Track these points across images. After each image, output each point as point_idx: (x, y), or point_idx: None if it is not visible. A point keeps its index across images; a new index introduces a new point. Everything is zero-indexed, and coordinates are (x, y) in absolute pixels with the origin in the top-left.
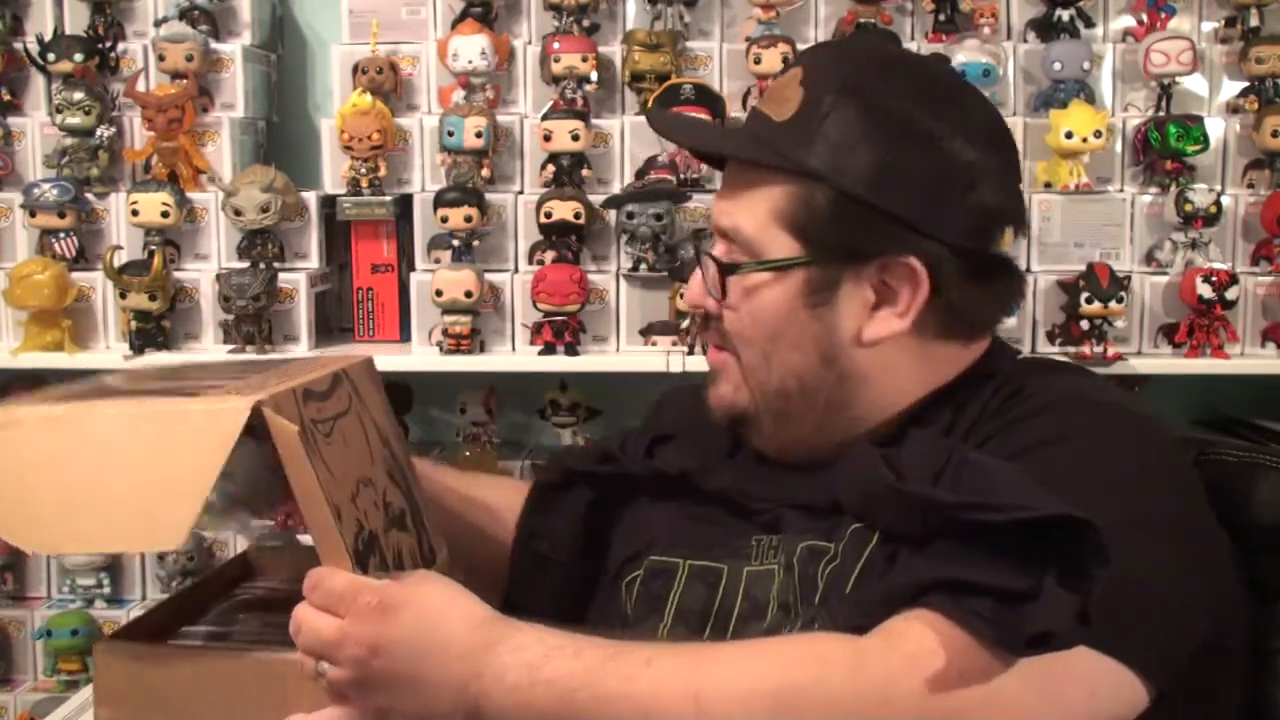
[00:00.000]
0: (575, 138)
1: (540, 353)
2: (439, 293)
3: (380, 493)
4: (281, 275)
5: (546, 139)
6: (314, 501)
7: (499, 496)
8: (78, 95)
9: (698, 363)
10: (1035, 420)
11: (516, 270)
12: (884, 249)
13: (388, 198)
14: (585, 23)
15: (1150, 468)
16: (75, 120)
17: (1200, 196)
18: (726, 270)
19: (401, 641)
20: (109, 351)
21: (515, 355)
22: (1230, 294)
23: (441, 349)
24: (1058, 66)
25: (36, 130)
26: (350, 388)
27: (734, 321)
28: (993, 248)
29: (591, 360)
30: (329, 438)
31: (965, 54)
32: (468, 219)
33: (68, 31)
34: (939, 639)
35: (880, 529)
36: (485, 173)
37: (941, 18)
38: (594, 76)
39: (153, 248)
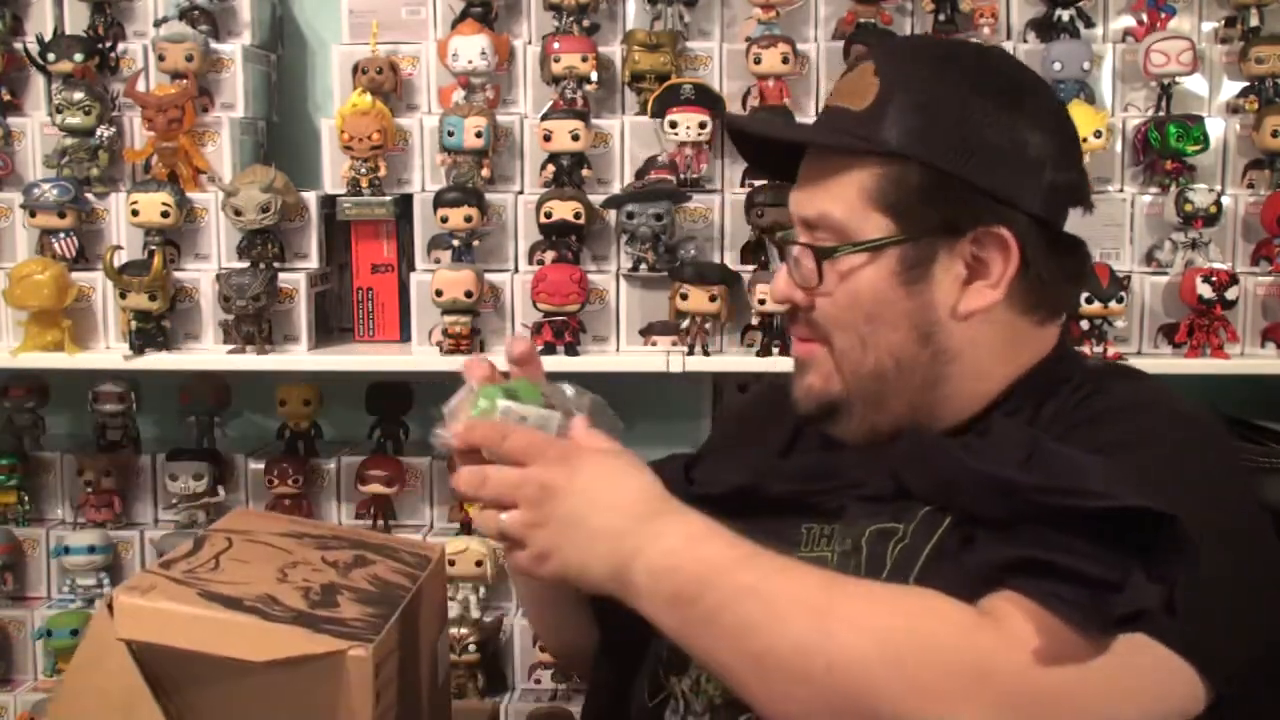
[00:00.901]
0: (575, 138)
1: (540, 353)
2: (439, 293)
3: (317, 559)
4: (281, 275)
5: (546, 139)
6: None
7: None
8: (78, 95)
9: (697, 363)
10: (1115, 421)
11: (516, 270)
12: (977, 221)
13: (388, 198)
14: (585, 23)
15: (1222, 478)
16: (75, 120)
17: (1200, 196)
18: (823, 255)
19: (575, 490)
20: (109, 351)
21: None
22: (1230, 294)
23: (441, 349)
24: (1058, 66)
25: (36, 130)
26: (220, 535)
27: (829, 307)
28: (1063, 225)
29: (591, 360)
30: (218, 568)
31: None
32: (468, 219)
33: (68, 31)
34: (1035, 621)
35: (954, 512)
36: (485, 173)
37: (941, 18)
38: (594, 76)
39: (153, 248)
